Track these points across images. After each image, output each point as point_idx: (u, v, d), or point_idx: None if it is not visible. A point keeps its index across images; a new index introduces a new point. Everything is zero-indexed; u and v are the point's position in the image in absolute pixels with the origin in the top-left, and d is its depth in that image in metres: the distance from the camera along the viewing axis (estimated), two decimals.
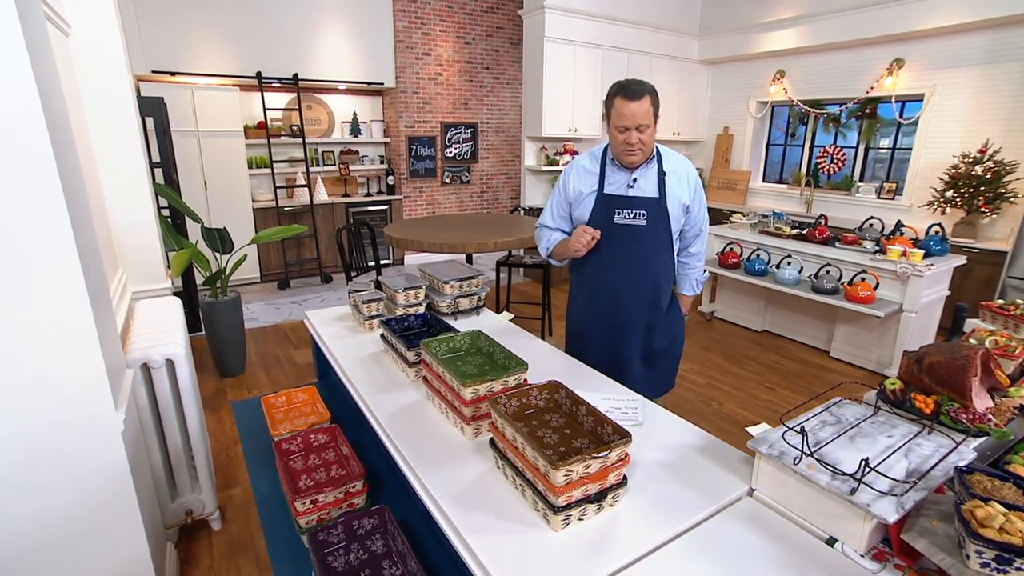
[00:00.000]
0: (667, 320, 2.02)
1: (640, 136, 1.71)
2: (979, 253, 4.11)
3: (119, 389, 1.56)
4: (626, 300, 1.92)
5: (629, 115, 1.67)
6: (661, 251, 1.89)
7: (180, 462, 2.05)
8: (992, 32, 4.35)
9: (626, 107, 1.68)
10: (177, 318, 2.25)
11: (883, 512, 0.93)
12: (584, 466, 1.00)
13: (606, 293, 1.94)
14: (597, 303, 1.97)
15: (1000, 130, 4.37)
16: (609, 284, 1.92)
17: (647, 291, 1.92)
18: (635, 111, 1.67)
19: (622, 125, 1.71)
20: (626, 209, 1.82)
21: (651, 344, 2.00)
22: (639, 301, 1.92)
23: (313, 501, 1.25)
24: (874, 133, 5.30)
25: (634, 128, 1.69)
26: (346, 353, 1.87)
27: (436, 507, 1.11)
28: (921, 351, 1.35)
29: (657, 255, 1.88)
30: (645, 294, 1.92)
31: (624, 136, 1.72)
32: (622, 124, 1.70)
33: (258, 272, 5.64)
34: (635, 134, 1.70)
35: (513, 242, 3.22)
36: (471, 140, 6.94)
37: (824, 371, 3.72)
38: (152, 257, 2.63)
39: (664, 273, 1.93)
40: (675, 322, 2.06)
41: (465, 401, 1.28)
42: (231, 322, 3.33)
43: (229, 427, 2.87)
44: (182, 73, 5.04)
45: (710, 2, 6.24)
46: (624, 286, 1.90)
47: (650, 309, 1.95)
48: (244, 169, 5.34)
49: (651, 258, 1.88)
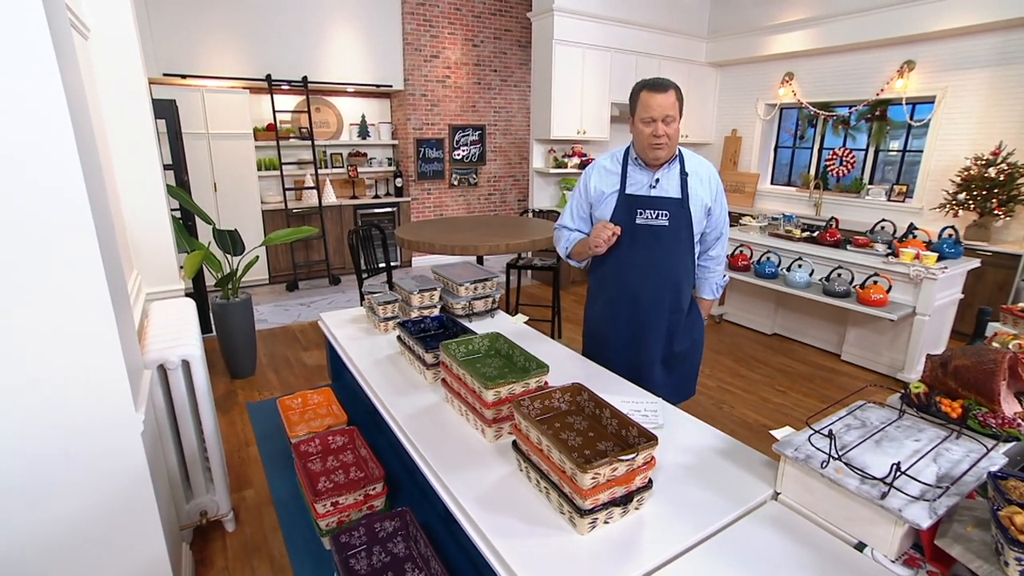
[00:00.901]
0: (688, 324, 1.99)
1: (666, 129, 1.70)
2: (992, 256, 4.08)
3: (138, 390, 1.56)
4: (647, 302, 1.90)
5: (656, 106, 1.67)
6: (683, 252, 1.87)
7: (195, 463, 2.05)
8: (1004, 34, 4.33)
9: (652, 99, 1.68)
10: (192, 319, 2.25)
11: (915, 517, 0.92)
12: (611, 469, 0.99)
13: (626, 295, 1.92)
14: (617, 304, 1.95)
15: (1013, 132, 4.34)
16: (630, 285, 1.90)
17: (668, 293, 1.90)
18: (661, 102, 1.67)
19: (648, 116, 1.69)
20: (648, 209, 1.81)
21: (671, 348, 1.98)
22: (660, 303, 1.90)
23: (334, 503, 1.25)
24: (884, 135, 5.27)
25: (661, 120, 1.68)
26: (362, 355, 1.86)
27: (460, 510, 1.11)
28: (946, 355, 1.33)
29: (679, 256, 1.87)
30: (666, 296, 1.90)
31: (651, 128, 1.71)
32: (648, 115, 1.69)
33: (267, 274, 5.66)
34: (661, 126, 1.69)
35: (525, 244, 3.22)
36: (479, 142, 6.95)
37: (835, 374, 3.69)
38: (166, 258, 2.64)
39: (685, 275, 1.91)
40: (695, 326, 2.03)
41: (487, 404, 1.28)
42: (242, 324, 3.33)
43: (241, 429, 2.87)
44: (193, 76, 5.08)
45: (719, 5, 6.24)
46: (645, 288, 1.88)
47: (671, 312, 1.93)
48: (253, 171, 5.37)
49: (672, 259, 1.86)
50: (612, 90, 5.73)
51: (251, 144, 5.31)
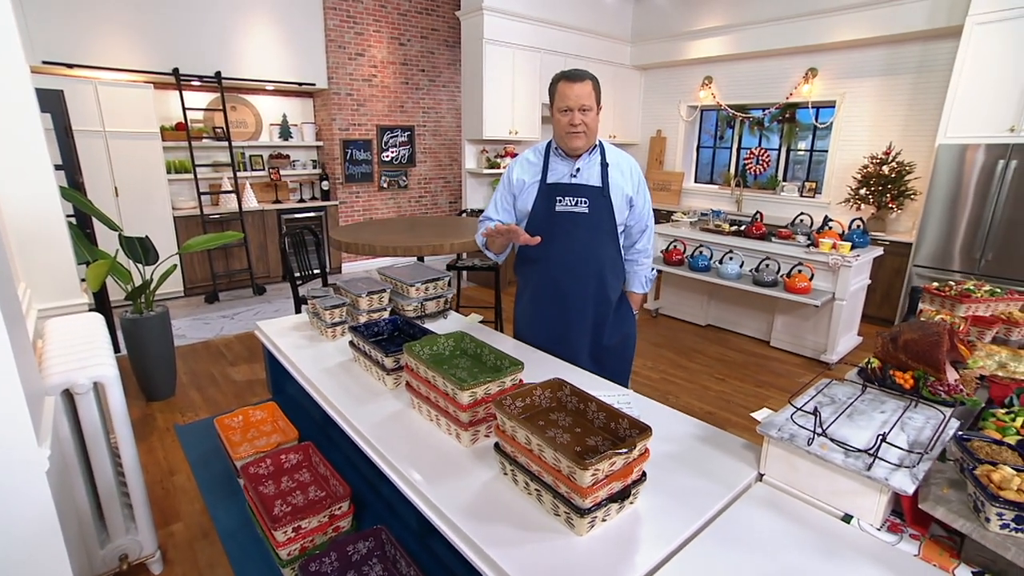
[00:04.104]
0: (617, 318, 1.98)
1: (583, 118, 1.72)
2: (890, 245, 4.50)
3: (40, 421, 1.33)
4: (570, 292, 1.88)
5: (572, 96, 1.70)
6: (605, 240, 1.86)
7: (112, 500, 1.79)
8: (887, 47, 4.82)
9: (569, 88, 1.71)
10: (101, 336, 1.97)
11: (901, 484, 0.95)
12: (609, 464, 0.94)
13: (550, 286, 1.90)
14: (542, 296, 1.93)
15: (899, 134, 4.84)
16: (552, 277, 1.89)
17: (592, 283, 1.88)
18: (578, 92, 1.70)
19: (565, 106, 1.72)
20: (568, 196, 1.82)
21: (600, 341, 1.96)
22: (584, 294, 1.89)
23: (295, 529, 1.11)
24: (794, 136, 5.71)
25: (577, 109, 1.71)
26: (309, 364, 1.71)
27: (446, 522, 1.02)
28: (895, 331, 1.41)
29: (601, 244, 1.86)
30: (591, 286, 1.88)
31: (568, 117, 1.73)
32: (565, 105, 1.72)
33: (182, 285, 5.16)
34: (578, 115, 1.72)
35: (469, 244, 3.14)
36: (408, 144, 6.77)
37: (767, 360, 3.92)
38: (63, 270, 2.31)
39: (610, 265, 1.90)
40: (626, 320, 2.02)
41: (462, 406, 1.19)
42: (159, 340, 3.00)
43: (163, 456, 2.57)
44: (81, 66, 4.51)
45: (640, 10, 6.48)
46: (567, 277, 1.87)
47: (597, 303, 1.91)
48: (162, 174, 4.88)
49: (594, 246, 1.85)
50: (542, 90, 5.77)
51: (158, 144, 4.83)
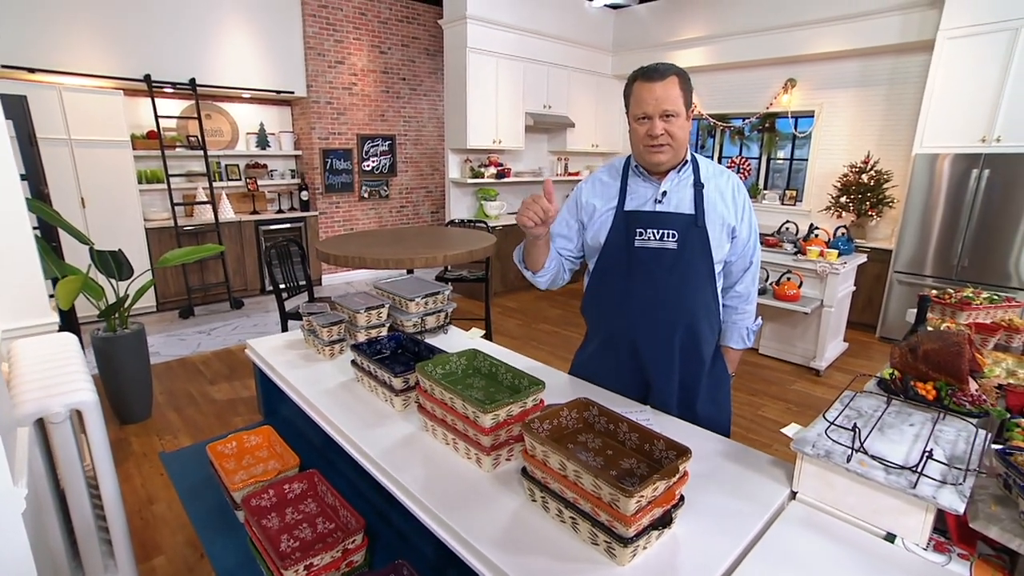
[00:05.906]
0: (711, 381, 1.57)
1: (667, 127, 1.35)
2: (870, 251, 4.60)
3: (14, 455, 1.22)
4: (650, 349, 1.49)
5: (651, 99, 1.33)
6: (698, 285, 1.46)
7: (89, 538, 1.65)
8: (862, 60, 4.97)
9: (646, 90, 1.34)
10: (76, 357, 1.84)
11: (951, 503, 0.91)
12: (652, 489, 0.89)
13: (624, 339, 1.52)
14: (613, 350, 1.55)
15: (875, 144, 4.98)
16: (628, 327, 1.50)
17: (681, 338, 1.48)
18: (658, 94, 1.33)
19: (642, 112, 1.36)
20: (651, 228, 1.44)
21: (691, 412, 1.53)
22: (668, 351, 1.49)
23: (307, 567, 1.03)
24: (774, 145, 5.82)
25: (658, 116, 1.34)
26: (308, 385, 1.62)
27: (474, 554, 0.95)
28: (913, 341, 1.40)
29: (694, 288, 1.46)
30: (676, 342, 1.48)
31: (646, 127, 1.36)
32: (642, 111, 1.36)
33: (154, 301, 4.95)
34: (659, 123, 1.35)
35: (462, 255, 3.07)
36: (389, 153, 6.68)
37: (757, 368, 3.94)
38: (30, 287, 2.15)
39: (704, 313, 1.49)
40: (721, 386, 1.61)
41: (484, 430, 1.13)
42: (134, 359, 2.84)
43: (140, 484, 2.42)
44: (44, 71, 4.31)
45: (621, 21, 6.55)
46: (647, 330, 1.48)
47: (685, 363, 1.51)
48: (133, 184, 4.69)
49: (685, 291, 1.45)
50: (526, 100, 5.78)
51: (128, 153, 4.64)
